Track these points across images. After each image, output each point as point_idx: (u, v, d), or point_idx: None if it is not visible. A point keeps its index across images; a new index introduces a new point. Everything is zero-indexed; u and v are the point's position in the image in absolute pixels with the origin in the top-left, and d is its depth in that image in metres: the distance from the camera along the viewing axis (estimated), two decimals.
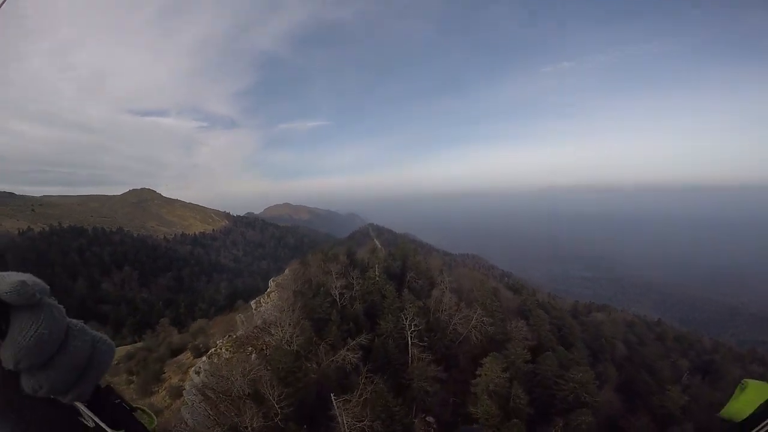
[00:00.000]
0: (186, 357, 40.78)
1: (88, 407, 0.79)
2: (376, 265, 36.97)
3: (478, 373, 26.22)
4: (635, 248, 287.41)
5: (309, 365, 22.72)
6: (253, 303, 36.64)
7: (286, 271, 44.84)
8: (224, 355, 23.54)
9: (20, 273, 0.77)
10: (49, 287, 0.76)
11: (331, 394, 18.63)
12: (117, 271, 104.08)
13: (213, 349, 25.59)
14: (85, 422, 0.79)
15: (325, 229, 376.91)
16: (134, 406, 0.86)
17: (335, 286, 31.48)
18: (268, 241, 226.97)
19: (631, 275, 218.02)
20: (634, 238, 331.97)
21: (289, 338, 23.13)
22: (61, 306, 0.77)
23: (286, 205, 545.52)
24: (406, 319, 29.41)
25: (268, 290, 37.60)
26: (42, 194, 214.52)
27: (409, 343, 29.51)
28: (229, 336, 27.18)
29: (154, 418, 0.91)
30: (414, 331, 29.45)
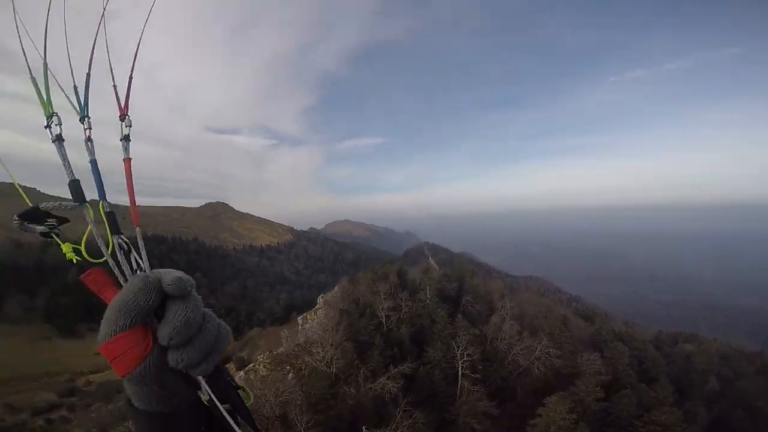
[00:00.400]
0: (230, 367, 41.60)
1: (207, 382, 0.98)
2: (428, 287, 34.35)
3: (539, 412, 22.24)
4: (726, 271, 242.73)
5: (347, 389, 20.83)
6: (300, 318, 36.12)
7: (336, 288, 44.06)
8: (261, 372, 22.73)
9: (176, 270, 0.95)
10: (194, 282, 0.94)
11: (363, 427, 16.55)
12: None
13: (252, 365, 25.02)
14: (202, 395, 0.98)
15: (382, 246, 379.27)
16: (238, 385, 1.08)
17: (382, 308, 29.56)
18: (328, 256, 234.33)
19: (719, 300, 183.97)
20: (726, 260, 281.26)
21: (329, 360, 21.58)
22: (200, 296, 0.97)
23: (346, 221, 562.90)
24: (458, 347, 26.35)
25: (316, 306, 36.90)
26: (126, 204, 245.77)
27: (459, 373, 26.24)
28: (270, 352, 26.52)
29: (251, 396, 1.11)
30: (466, 361, 26.25)
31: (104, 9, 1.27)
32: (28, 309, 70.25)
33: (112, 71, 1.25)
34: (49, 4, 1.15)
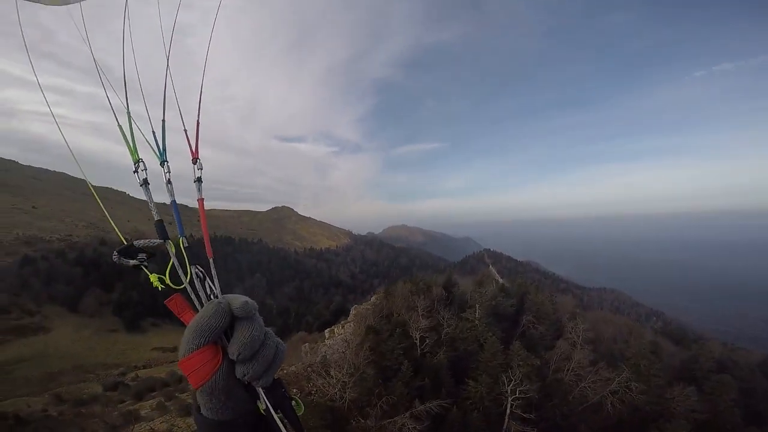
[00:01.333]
0: None
1: (265, 393, 1.11)
2: (477, 305, 29.26)
3: None
4: None
5: (362, 422, 17.19)
6: (327, 331, 33.24)
7: (372, 299, 40.62)
8: None
9: (243, 295, 1.10)
10: (257, 305, 1.09)
11: None
12: (249, 277, 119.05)
13: None
14: (260, 405, 1.11)
15: (439, 252, 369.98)
16: (291, 396, 1.19)
17: (417, 327, 25.34)
18: (383, 261, 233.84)
19: None
20: None
21: (341, 387, 18.14)
22: (261, 317, 1.11)
23: (403, 226, 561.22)
24: (510, 382, 21.29)
25: (347, 319, 33.79)
26: (209, 208, 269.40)
27: (507, 414, 21.12)
28: (281, 370, 23.96)
29: (302, 406, 1.22)
30: (519, 398, 21.06)
31: (167, 58, 1.41)
32: (103, 303, 76.89)
33: (182, 120, 1.42)
34: (123, 52, 1.35)
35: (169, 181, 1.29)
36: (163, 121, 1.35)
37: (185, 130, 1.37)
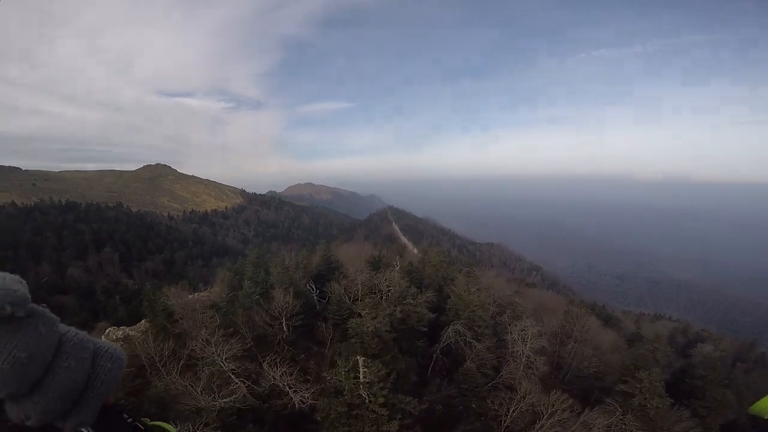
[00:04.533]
0: None
1: (95, 430, 0.70)
2: (372, 316, 18.17)
3: None
4: (669, 244, 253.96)
5: None
6: None
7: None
8: None
9: None
10: (28, 295, 0.63)
11: None
12: (95, 253, 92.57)
13: None
14: None
15: (346, 210, 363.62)
16: (150, 423, 0.81)
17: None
18: (283, 221, 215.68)
19: (663, 273, 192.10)
20: (668, 234, 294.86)
21: None
22: (53, 316, 0.67)
23: (309, 185, 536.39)
24: None
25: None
26: (60, 170, 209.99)
27: None
28: None
29: (174, 430, 0.87)
30: None
31: None
32: None
33: None
34: None
35: None
36: None
37: None
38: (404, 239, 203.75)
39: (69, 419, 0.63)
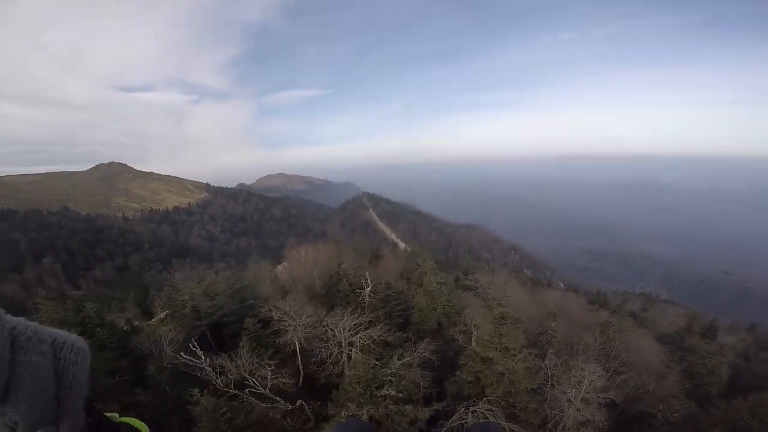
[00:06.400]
0: None
1: None
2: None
3: None
4: (642, 220, 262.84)
5: None
6: None
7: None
8: None
9: None
10: None
11: None
12: (33, 265, 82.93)
13: None
14: None
15: (321, 199, 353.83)
16: (119, 420, 0.78)
17: None
18: (251, 215, 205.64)
19: (636, 249, 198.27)
20: (641, 210, 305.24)
21: None
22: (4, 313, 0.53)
23: (281, 175, 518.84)
24: None
25: None
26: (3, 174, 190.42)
27: None
28: None
29: (146, 427, 0.84)
30: None
31: None
32: None
33: None
34: None
35: None
36: None
37: None
38: (381, 225, 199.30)
39: (61, 424, 0.57)
